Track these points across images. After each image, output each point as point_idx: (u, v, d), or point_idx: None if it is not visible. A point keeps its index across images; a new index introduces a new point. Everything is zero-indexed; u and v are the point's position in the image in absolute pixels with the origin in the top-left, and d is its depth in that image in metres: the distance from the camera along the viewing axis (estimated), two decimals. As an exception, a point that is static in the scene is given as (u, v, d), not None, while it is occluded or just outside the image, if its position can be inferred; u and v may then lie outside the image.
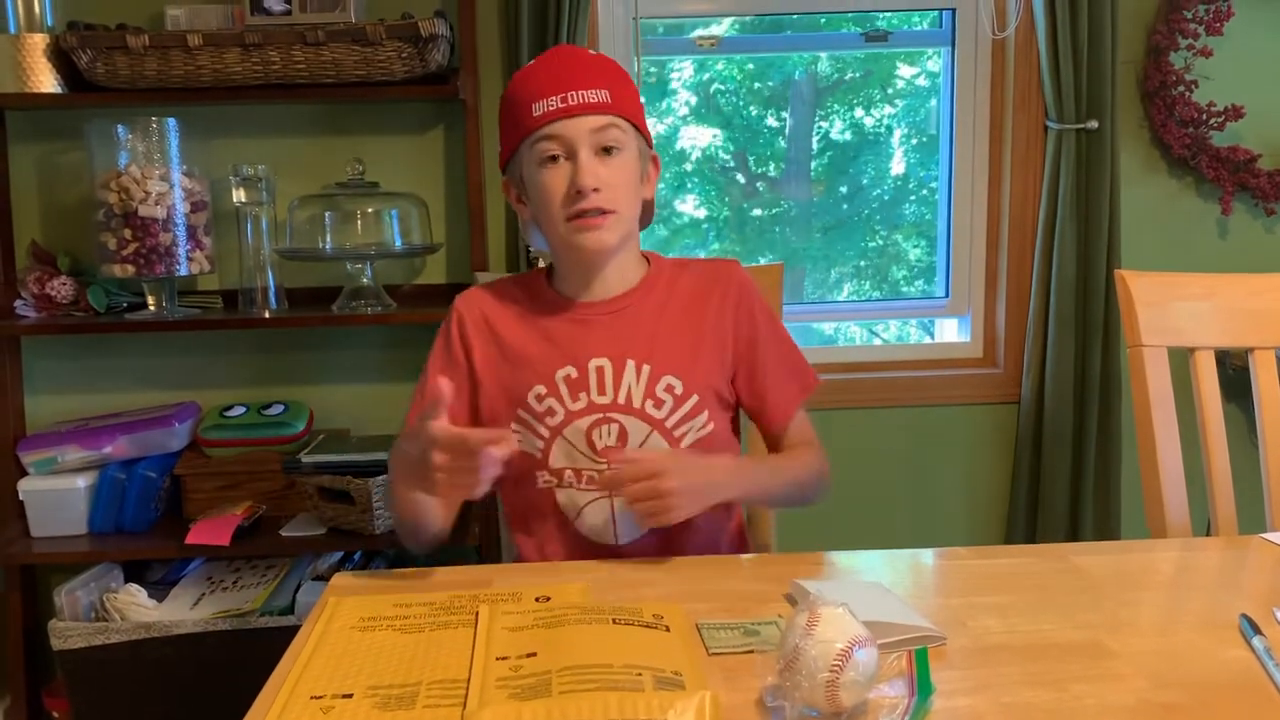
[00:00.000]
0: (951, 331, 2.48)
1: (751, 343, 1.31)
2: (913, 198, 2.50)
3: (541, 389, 1.24)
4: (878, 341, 2.58)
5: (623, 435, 1.24)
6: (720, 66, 2.47)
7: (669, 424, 1.25)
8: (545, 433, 1.25)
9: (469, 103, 2.07)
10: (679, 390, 1.24)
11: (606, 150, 1.21)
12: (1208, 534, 1.37)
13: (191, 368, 2.23)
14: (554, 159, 1.21)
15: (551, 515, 1.28)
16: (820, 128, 2.50)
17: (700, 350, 1.28)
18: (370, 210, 2.09)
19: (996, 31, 2.26)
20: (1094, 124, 2.15)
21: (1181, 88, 2.21)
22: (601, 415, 1.24)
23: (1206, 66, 2.20)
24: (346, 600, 1.05)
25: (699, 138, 2.49)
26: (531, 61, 1.27)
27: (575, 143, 1.19)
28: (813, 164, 2.50)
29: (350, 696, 0.84)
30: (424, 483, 1.09)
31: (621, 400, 1.24)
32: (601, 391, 1.24)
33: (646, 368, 1.24)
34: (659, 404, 1.24)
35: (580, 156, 1.19)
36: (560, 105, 1.19)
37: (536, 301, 1.30)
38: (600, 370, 1.24)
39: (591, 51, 1.29)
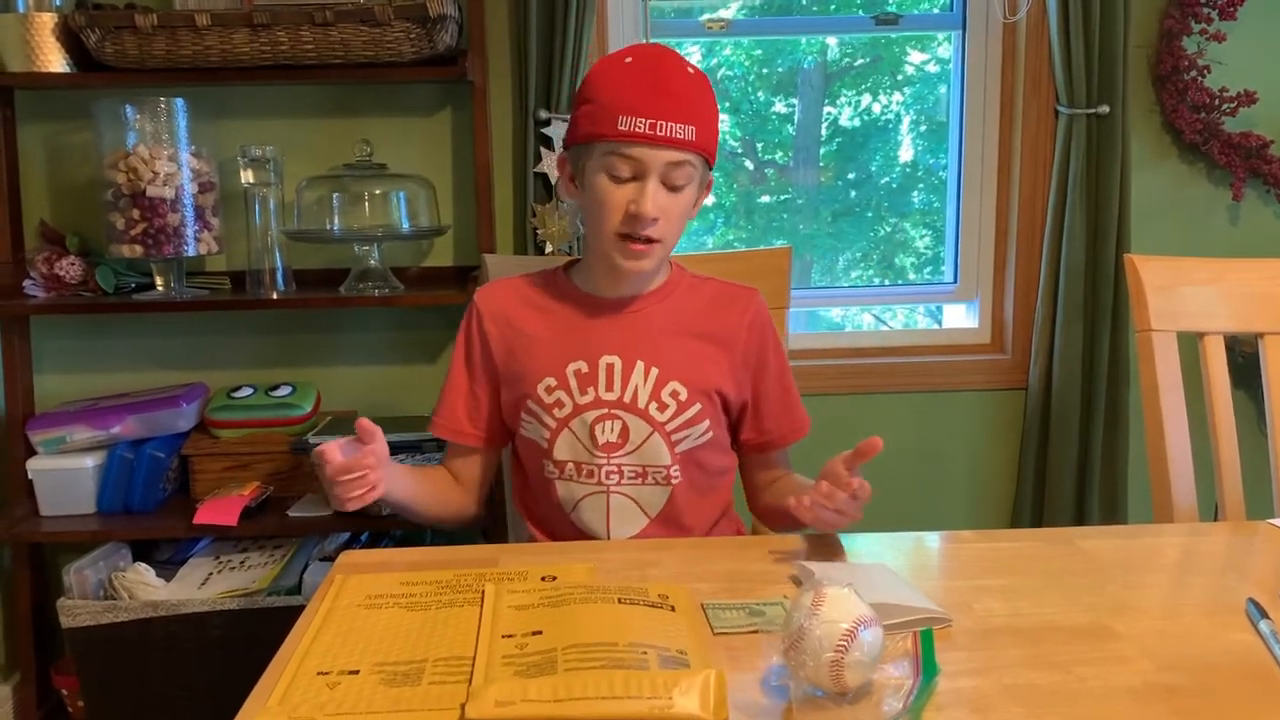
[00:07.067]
0: (959, 317, 2.47)
1: (760, 371, 1.32)
2: (921, 185, 2.49)
3: (552, 380, 1.26)
4: (885, 328, 2.57)
5: (624, 433, 1.26)
6: (728, 52, 2.46)
7: (669, 428, 1.26)
8: (552, 424, 1.26)
9: (477, 84, 2.07)
10: (683, 397, 1.26)
11: (674, 185, 1.21)
12: (1215, 520, 1.36)
13: (199, 348, 2.24)
14: (621, 175, 1.20)
15: (554, 505, 1.30)
16: (829, 114, 2.49)
17: (707, 361, 1.29)
18: (378, 192, 2.08)
19: (1008, 15, 2.24)
20: (1105, 109, 2.13)
21: (1194, 73, 2.19)
22: (607, 411, 1.25)
23: (1219, 51, 2.18)
24: (353, 577, 1.05)
25: (707, 122, 2.48)
26: (631, 57, 1.23)
27: (648, 169, 1.19)
28: (821, 151, 2.49)
29: (356, 673, 0.85)
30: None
31: (628, 399, 1.25)
32: (610, 388, 1.25)
33: (655, 370, 1.26)
34: (663, 407, 1.26)
35: (648, 184, 1.19)
36: (648, 131, 1.18)
37: (555, 295, 1.32)
38: (610, 367, 1.26)
39: (690, 68, 1.24)
